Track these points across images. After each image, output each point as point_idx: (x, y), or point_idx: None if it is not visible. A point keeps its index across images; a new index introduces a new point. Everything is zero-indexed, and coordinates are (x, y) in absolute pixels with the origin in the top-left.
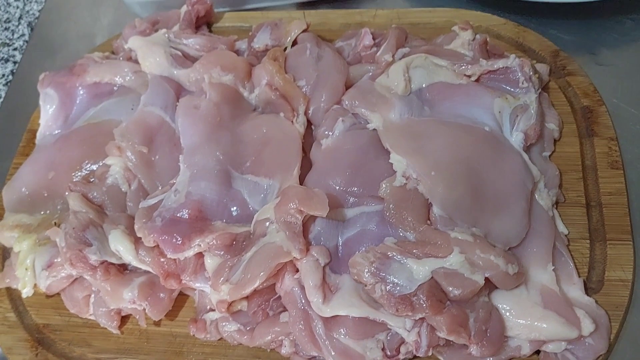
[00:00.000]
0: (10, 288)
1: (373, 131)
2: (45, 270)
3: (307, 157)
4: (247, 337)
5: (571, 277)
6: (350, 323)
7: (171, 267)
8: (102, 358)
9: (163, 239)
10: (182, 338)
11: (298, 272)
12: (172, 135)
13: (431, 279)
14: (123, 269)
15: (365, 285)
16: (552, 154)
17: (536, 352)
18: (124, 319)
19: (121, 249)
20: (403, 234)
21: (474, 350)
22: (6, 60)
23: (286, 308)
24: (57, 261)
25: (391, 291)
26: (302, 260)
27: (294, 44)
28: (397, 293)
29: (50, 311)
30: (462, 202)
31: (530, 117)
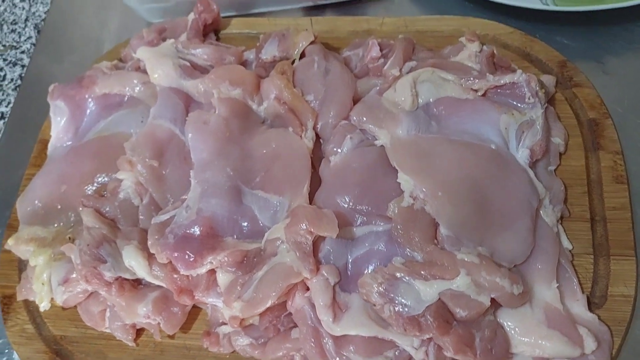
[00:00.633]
0: (28, 300)
1: (381, 147)
2: (61, 286)
3: (316, 171)
4: (259, 351)
5: (575, 294)
6: (359, 341)
7: (184, 283)
8: None
9: (176, 256)
10: (196, 350)
11: (308, 290)
12: (182, 148)
13: (438, 300)
14: (137, 283)
15: (374, 305)
16: (557, 168)
17: None
18: (139, 331)
19: (135, 265)
20: (411, 253)
21: None
22: (14, 63)
23: (297, 324)
24: (73, 277)
25: (399, 312)
26: (312, 279)
27: (301, 55)
28: (405, 314)
29: (67, 323)
30: (469, 222)
31: (537, 132)
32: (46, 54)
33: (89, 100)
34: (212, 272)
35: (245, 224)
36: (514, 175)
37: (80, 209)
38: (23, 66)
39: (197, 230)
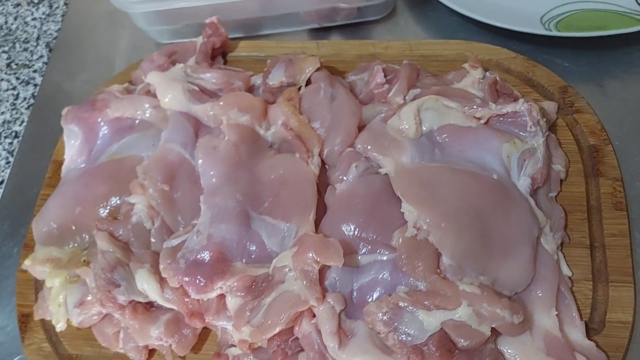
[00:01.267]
0: (44, 319)
1: (385, 176)
2: (77, 308)
3: (321, 197)
4: None
5: (574, 320)
6: None
7: (195, 307)
8: None
9: (187, 280)
10: None
11: (315, 317)
12: (192, 172)
13: (441, 329)
14: (150, 306)
15: (379, 333)
16: (558, 194)
17: None
18: (151, 351)
19: (147, 288)
20: (414, 282)
21: None
22: (27, 82)
23: (304, 349)
24: (88, 299)
25: (403, 340)
26: (319, 307)
27: (308, 81)
28: (408, 342)
29: (82, 342)
30: (471, 251)
31: (538, 161)
32: (58, 73)
33: (102, 123)
34: (222, 296)
35: (254, 249)
36: (516, 205)
37: (95, 232)
38: (35, 85)
39: (207, 256)
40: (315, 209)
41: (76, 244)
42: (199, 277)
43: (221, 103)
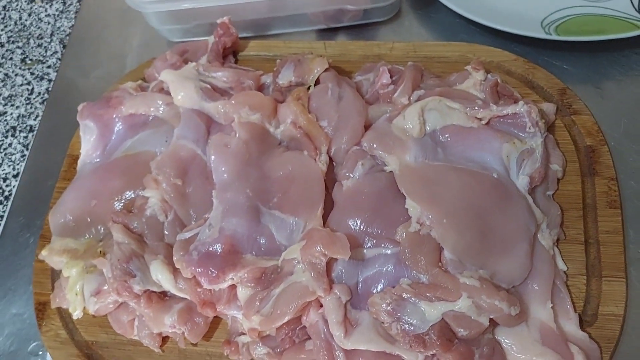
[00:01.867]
0: (60, 307)
1: (390, 173)
2: (93, 297)
3: (329, 193)
4: None
5: (568, 313)
6: (368, 354)
7: (207, 296)
8: None
9: (199, 271)
10: (217, 357)
11: (322, 307)
12: (203, 167)
13: (442, 320)
14: (163, 295)
15: (383, 323)
16: (555, 192)
17: None
18: (165, 338)
19: (161, 279)
20: (417, 275)
21: None
22: (41, 78)
23: (311, 337)
24: (105, 289)
25: (406, 330)
26: (326, 297)
27: (316, 81)
28: (411, 332)
29: (97, 329)
30: (471, 246)
31: (536, 160)
32: (72, 69)
33: (117, 119)
34: (232, 286)
35: (264, 242)
36: (514, 203)
37: (110, 224)
38: (50, 80)
39: (219, 248)
40: (322, 205)
41: (91, 236)
42: (211, 268)
43: (233, 102)
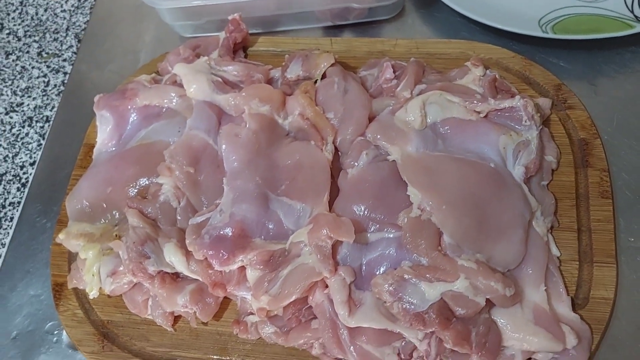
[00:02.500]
0: (77, 288)
1: (393, 162)
2: (109, 277)
3: (334, 181)
4: (282, 339)
5: (560, 296)
6: (371, 332)
7: (218, 278)
8: (158, 351)
9: (211, 254)
10: (227, 336)
11: (327, 287)
12: (215, 156)
13: (440, 299)
14: (176, 276)
15: (385, 302)
16: (549, 183)
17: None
18: (177, 318)
19: (174, 261)
20: (417, 258)
21: (475, 359)
22: (57, 70)
23: (316, 316)
24: (120, 270)
25: (406, 309)
26: (331, 278)
27: (323, 75)
28: (411, 310)
29: (113, 309)
30: (469, 231)
31: (531, 152)
32: (87, 63)
33: (132, 110)
34: (242, 268)
35: (272, 227)
36: (510, 191)
37: (126, 209)
38: (65, 73)
39: (229, 232)
40: (328, 191)
41: (107, 221)
42: (222, 251)
43: (243, 94)
